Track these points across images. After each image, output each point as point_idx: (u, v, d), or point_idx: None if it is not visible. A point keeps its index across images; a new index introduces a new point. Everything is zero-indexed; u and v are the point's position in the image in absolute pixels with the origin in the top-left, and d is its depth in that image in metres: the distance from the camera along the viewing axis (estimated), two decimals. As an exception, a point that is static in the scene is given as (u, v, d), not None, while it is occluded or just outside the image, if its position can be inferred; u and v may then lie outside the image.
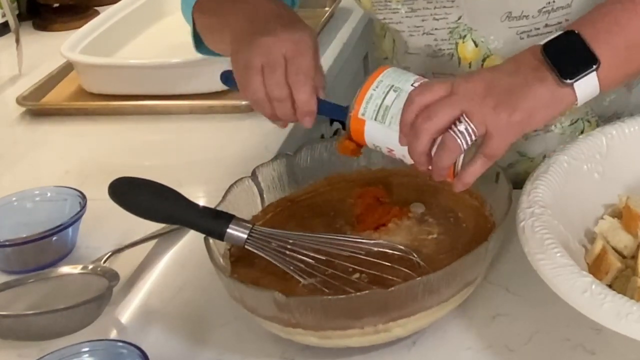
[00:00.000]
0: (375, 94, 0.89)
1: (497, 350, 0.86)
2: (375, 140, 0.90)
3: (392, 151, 0.89)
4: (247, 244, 0.90)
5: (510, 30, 1.06)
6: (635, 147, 0.97)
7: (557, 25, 1.05)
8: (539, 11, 1.04)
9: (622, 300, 0.75)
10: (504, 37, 1.07)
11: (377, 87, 0.89)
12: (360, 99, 0.89)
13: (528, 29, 1.05)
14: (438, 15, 1.07)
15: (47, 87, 1.58)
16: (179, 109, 1.46)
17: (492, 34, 1.07)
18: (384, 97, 0.88)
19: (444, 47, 1.09)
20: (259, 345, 0.90)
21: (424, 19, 1.08)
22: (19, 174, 1.33)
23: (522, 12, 1.04)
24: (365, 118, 0.89)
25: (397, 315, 0.83)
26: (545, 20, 1.05)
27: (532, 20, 1.05)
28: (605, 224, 0.92)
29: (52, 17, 1.98)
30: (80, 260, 1.05)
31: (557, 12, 1.05)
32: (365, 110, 0.89)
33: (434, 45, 1.10)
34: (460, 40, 1.08)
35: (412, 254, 0.89)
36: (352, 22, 1.79)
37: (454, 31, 1.08)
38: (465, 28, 1.08)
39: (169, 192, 0.93)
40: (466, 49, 1.09)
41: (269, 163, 1.03)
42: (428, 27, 1.09)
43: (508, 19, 1.05)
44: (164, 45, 1.65)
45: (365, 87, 0.89)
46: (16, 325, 0.93)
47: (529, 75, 0.85)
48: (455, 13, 1.06)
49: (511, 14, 1.05)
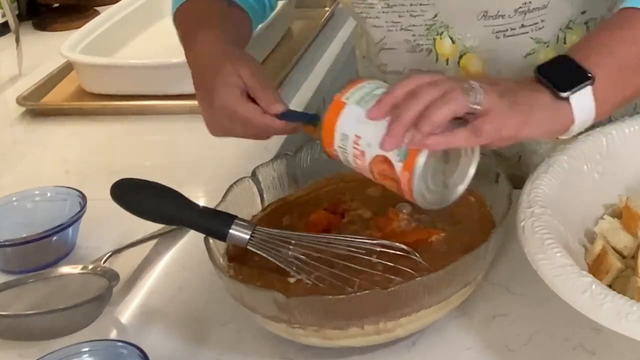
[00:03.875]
0: (368, 86, 0.87)
1: (497, 350, 0.86)
2: (348, 126, 0.86)
3: (359, 139, 0.85)
4: (249, 244, 0.90)
5: (486, 29, 1.06)
6: (635, 147, 0.97)
7: (533, 26, 1.06)
8: (515, 11, 1.05)
9: (622, 300, 0.75)
10: (480, 36, 1.07)
11: (372, 82, 0.89)
12: (350, 86, 0.88)
13: (504, 29, 1.06)
14: (415, 12, 1.08)
15: (47, 87, 1.58)
16: (179, 109, 1.46)
17: (469, 32, 1.07)
18: (376, 88, 0.87)
19: (421, 42, 1.10)
20: (259, 345, 0.90)
21: (401, 15, 1.09)
22: (19, 174, 1.34)
23: (498, 11, 1.05)
24: (348, 102, 0.86)
25: (397, 315, 0.83)
26: (521, 20, 1.05)
27: (508, 19, 1.05)
28: (605, 224, 0.92)
29: (52, 17, 1.98)
30: (80, 260, 1.05)
31: (533, 13, 1.05)
32: (350, 95, 0.87)
33: (412, 40, 1.10)
34: (438, 36, 1.09)
35: (413, 253, 0.89)
36: (352, 22, 1.78)
37: (431, 28, 1.08)
38: (442, 25, 1.08)
39: (171, 193, 0.93)
40: (443, 45, 1.09)
41: (269, 163, 1.03)
42: (405, 23, 1.09)
43: (484, 18, 1.05)
44: (164, 45, 1.65)
45: (359, 80, 0.89)
46: (16, 325, 0.93)
47: (527, 87, 0.85)
48: (431, 11, 1.07)
49: (487, 13, 1.05)
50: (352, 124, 0.86)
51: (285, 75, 1.53)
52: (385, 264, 0.88)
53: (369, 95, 0.86)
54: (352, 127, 0.86)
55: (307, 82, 1.55)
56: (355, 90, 0.87)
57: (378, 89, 0.86)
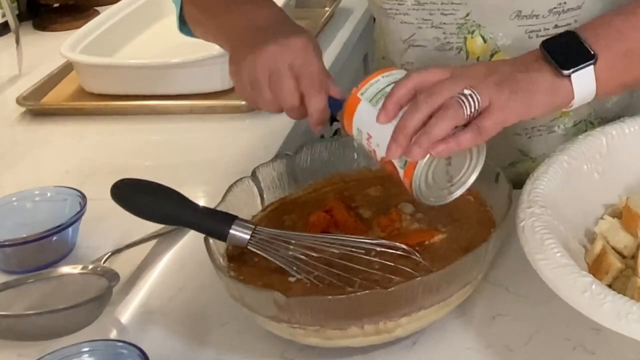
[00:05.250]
0: (381, 80, 0.89)
1: (497, 350, 0.86)
2: (361, 122, 0.89)
3: (370, 138, 0.88)
4: (249, 244, 0.90)
5: (520, 29, 1.06)
6: (635, 147, 0.97)
7: (566, 27, 1.05)
8: (550, 11, 1.04)
9: (622, 300, 0.75)
10: (513, 35, 1.06)
11: (387, 75, 0.90)
12: (368, 79, 0.90)
13: (537, 29, 1.05)
14: (446, 10, 1.07)
15: (47, 87, 1.58)
16: (179, 109, 1.46)
17: (501, 32, 1.07)
18: (387, 85, 0.88)
19: (452, 40, 1.09)
20: (259, 345, 0.90)
21: (432, 12, 1.08)
22: (19, 174, 1.33)
23: (533, 11, 1.04)
24: (362, 98, 0.89)
25: (397, 315, 0.83)
26: (555, 20, 1.05)
27: (542, 19, 1.05)
28: (605, 224, 0.92)
29: (52, 17, 1.98)
30: (80, 260, 1.05)
31: (568, 14, 1.05)
32: (365, 91, 0.89)
33: (443, 38, 1.09)
34: (469, 35, 1.08)
35: (414, 253, 0.89)
36: (352, 22, 1.79)
37: (462, 26, 1.08)
38: (474, 24, 1.07)
39: (171, 193, 0.93)
40: (475, 44, 1.09)
41: (269, 163, 1.03)
42: (436, 21, 1.09)
43: (517, 18, 1.05)
44: (164, 45, 1.65)
45: (378, 72, 0.90)
46: (16, 325, 0.93)
47: (528, 66, 0.87)
48: (463, 9, 1.06)
49: (521, 12, 1.05)
50: (365, 122, 0.88)
51: (285, 75, 1.53)
52: (385, 264, 0.88)
53: (380, 92, 0.88)
54: (364, 124, 0.88)
55: (307, 82, 1.54)
56: (369, 85, 0.89)
57: (389, 87, 0.87)
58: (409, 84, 0.85)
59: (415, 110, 0.83)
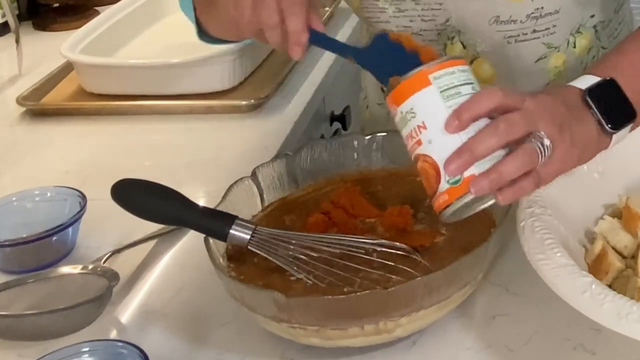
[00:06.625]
0: (457, 75, 0.82)
1: (497, 350, 0.86)
2: (421, 106, 0.81)
3: (423, 128, 0.80)
4: (250, 244, 0.90)
5: (498, 34, 1.07)
6: (635, 147, 0.97)
7: (544, 31, 1.06)
8: (527, 16, 1.05)
9: (622, 300, 0.75)
10: (492, 41, 1.07)
11: (463, 71, 0.83)
12: (443, 65, 0.82)
13: (516, 34, 1.06)
14: (426, 17, 1.07)
15: (47, 87, 1.58)
16: (179, 109, 1.46)
17: (480, 37, 1.08)
18: (462, 83, 0.82)
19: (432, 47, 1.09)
20: (259, 345, 0.90)
21: (412, 19, 1.08)
22: (19, 174, 1.33)
23: (511, 16, 1.05)
24: (433, 82, 0.81)
25: (397, 315, 0.83)
26: (533, 25, 1.05)
27: (520, 25, 1.05)
28: (605, 224, 0.92)
29: (52, 17, 1.98)
30: (80, 260, 1.05)
31: (545, 18, 1.05)
32: (439, 76, 0.81)
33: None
34: (449, 41, 1.09)
35: (414, 253, 0.89)
36: (352, 22, 1.79)
37: (442, 32, 1.08)
38: (454, 30, 1.08)
39: (171, 193, 0.93)
40: (454, 51, 1.09)
41: (269, 163, 1.03)
42: (416, 28, 1.09)
43: (496, 23, 1.06)
44: (164, 45, 1.65)
45: (452, 61, 0.83)
46: (16, 325, 0.93)
47: (575, 112, 0.85)
48: (443, 15, 1.07)
49: (499, 18, 1.05)
50: (425, 110, 0.81)
51: (285, 76, 1.53)
52: (385, 264, 0.88)
53: (454, 89, 0.81)
54: (423, 111, 0.81)
55: (307, 82, 1.55)
56: (444, 73, 0.81)
57: (465, 86, 0.82)
58: (491, 105, 0.80)
59: (493, 135, 0.79)
